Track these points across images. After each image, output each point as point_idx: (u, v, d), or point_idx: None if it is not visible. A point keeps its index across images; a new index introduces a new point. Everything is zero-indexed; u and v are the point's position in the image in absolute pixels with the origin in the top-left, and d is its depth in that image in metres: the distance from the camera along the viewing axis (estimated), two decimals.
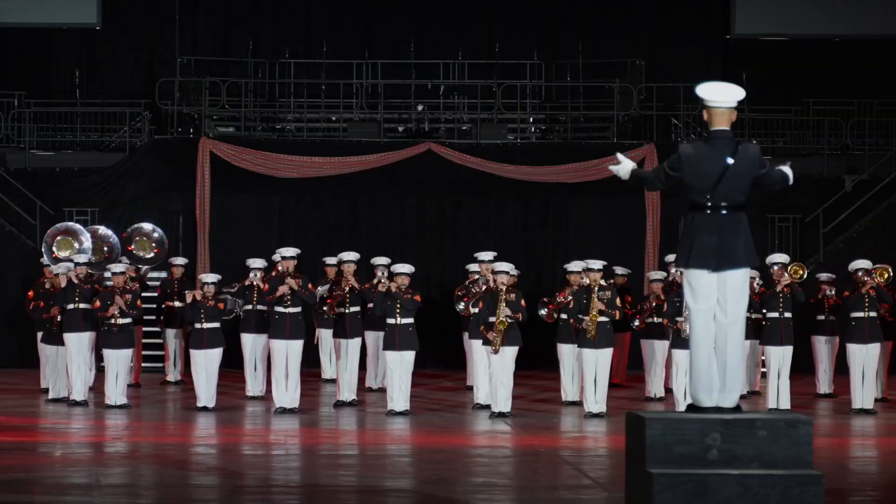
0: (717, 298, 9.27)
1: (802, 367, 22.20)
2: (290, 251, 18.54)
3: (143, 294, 21.97)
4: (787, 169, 9.58)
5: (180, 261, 22.35)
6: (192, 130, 26.93)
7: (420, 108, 27.68)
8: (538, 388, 21.85)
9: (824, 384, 21.15)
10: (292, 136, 27.19)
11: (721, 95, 9.37)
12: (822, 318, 20.92)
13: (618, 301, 18.23)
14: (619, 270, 22.47)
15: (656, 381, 20.33)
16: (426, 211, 26.29)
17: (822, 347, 21.04)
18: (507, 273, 17.93)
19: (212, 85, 27.37)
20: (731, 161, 9.28)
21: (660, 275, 20.56)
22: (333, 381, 20.84)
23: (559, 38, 28.97)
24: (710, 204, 9.34)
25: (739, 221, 9.40)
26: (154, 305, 22.49)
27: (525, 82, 27.73)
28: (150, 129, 27.24)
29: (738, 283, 9.29)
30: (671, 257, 22.72)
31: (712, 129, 9.43)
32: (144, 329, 22.42)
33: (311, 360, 23.51)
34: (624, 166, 9.78)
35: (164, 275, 23.01)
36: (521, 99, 27.35)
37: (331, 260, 21.27)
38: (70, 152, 27.17)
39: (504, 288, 17.74)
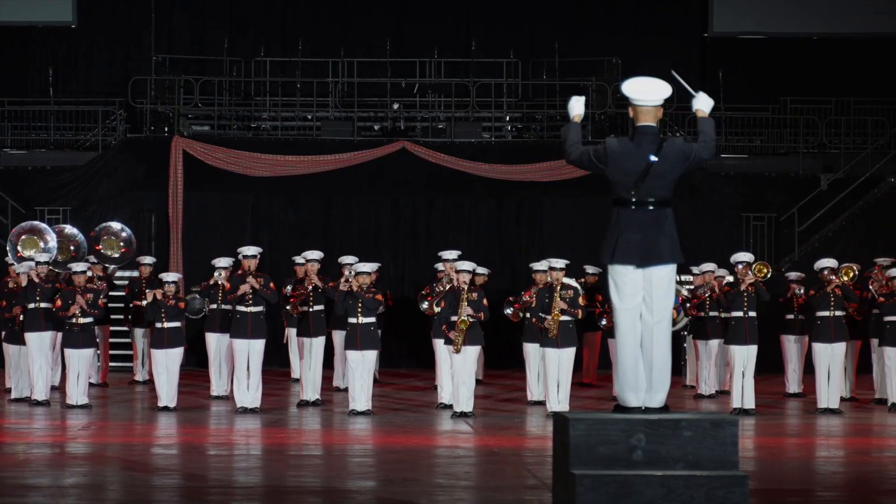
0: (642, 296, 9.16)
1: (772, 367, 22.19)
2: (252, 250, 18.45)
3: (112, 293, 21.94)
4: (707, 130, 9.32)
5: (148, 260, 22.26)
6: (166, 129, 26.84)
7: (396, 106, 27.60)
8: (507, 388, 21.79)
9: (793, 383, 21.07)
10: (267, 135, 27.12)
11: (647, 94, 9.27)
12: (791, 317, 20.84)
13: (581, 300, 18.14)
14: (590, 269, 22.41)
15: None
16: (400, 209, 26.22)
17: (792, 347, 20.96)
18: (470, 272, 17.84)
19: (188, 83, 27.29)
20: (654, 158, 9.17)
21: None
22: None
23: (536, 37, 28.88)
24: (634, 200, 9.24)
25: (665, 217, 9.30)
26: (122, 305, 22.38)
27: (501, 81, 27.64)
28: (125, 127, 27.16)
29: (663, 280, 9.19)
30: None
31: (638, 126, 9.33)
32: (112, 328, 22.33)
33: (281, 360, 23.50)
34: (574, 108, 9.57)
35: (133, 274, 22.89)
36: (496, 97, 27.26)
37: (301, 259, 21.16)
38: (43, 151, 27.11)
39: (466, 287, 17.65)
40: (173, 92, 26.89)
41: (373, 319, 17.97)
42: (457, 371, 17.72)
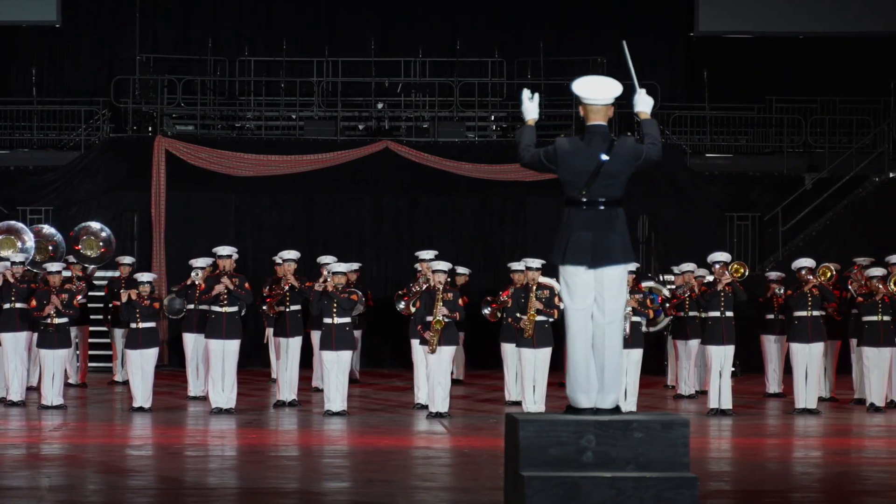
0: (594, 297, 9.10)
1: (755, 367, 22.15)
2: (226, 250, 18.38)
3: (91, 293, 21.89)
4: (652, 133, 9.27)
5: (128, 260, 22.19)
6: (150, 129, 26.78)
7: (380, 106, 27.55)
8: (487, 388, 21.73)
9: (773, 383, 21.02)
10: (251, 135, 27.06)
11: (597, 93, 9.20)
12: (771, 317, 20.79)
13: (557, 300, 18.06)
14: None
15: None
16: (383, 209, 26.17)
17: (772, 347, 20.90)
18: (445, 272, 17.78)
19: (172, 83, 27.23)
20: (605, 157, 9.10)
21: None
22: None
23: (521, 36, 28.83)
24: (585, 200, 9.18)
25: (616, 217, 9.23)
26: (101, 305, 22.32)
27: (486, 80, 27.58)
28: (109, 127, 27.11)
29: (615, 280, 9.12)
30: None
31: (588, 125, 9.26)
32: (91, 329, 22.27)
33: (263, 360, 23.43)
34: (529, 112, 9.44)
35: (113, 274, 22.82)
36: (479, 97, 27.20)
37: (280, 259, 21.10)
38: (26, 151, 27.05)
39: (441, 287, 17.59)
40: (157, 92, 26.82)
41: (348, 320, 17.91)
42: (432, 371, 17.66)
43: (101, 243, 21.98)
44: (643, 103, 9.40)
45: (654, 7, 29.04)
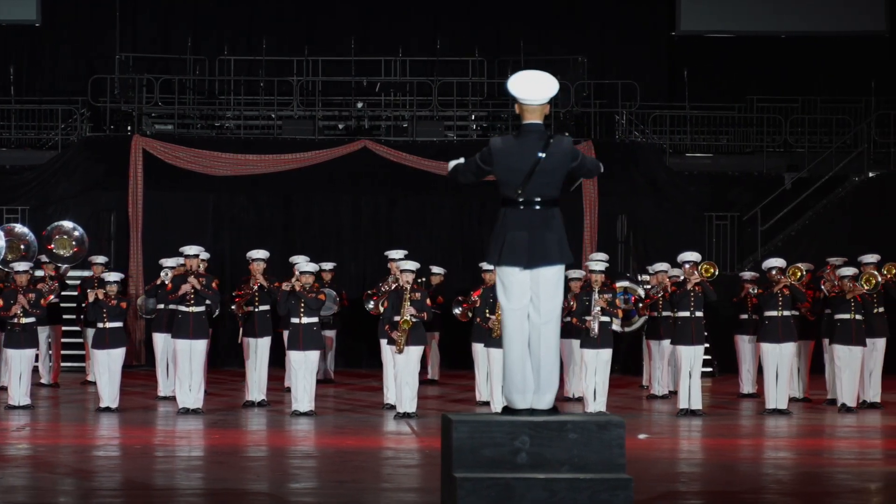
0: (530, 297, 9.02)
1: (732, 367, 22.07)
2: (193, 250, 18.28)
3: (64, 293, 21.80)
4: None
5: (101, 259, 22.10)
6: (129, 128, 26.70)
7: (360, 105, 27.47)
8: (461, 389, 21.66)
9: (747, 384, 20.93)
10: (231, 134, 26.99)
11: (532, 93, 9.10)
12: (745, 317, 20.70)
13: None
14: None
15: (574, 380, 20.08)
16: (362, 209, 26.09)
17: (746, 347, 20.82)
18: (413, 272, 17.69)
19: (152, 82, 27.14)
20: (542, 155, 9.02)
21: (579, 273, 20.29)
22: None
23: (502, 36, 28.75)
24: (521, 199, 9.09)
25: (552, 217, 9.14)
26: (74, 304, 22.23)
27: (466, 79, 27.51)
28: (88, 126, 27.03)
29: (551, 280, 9.04)
30: (601, 255, 22.56)
31: (524, 123, 9.17)
32: (64, 328, 22.18)
33: (241, 360, 23.29)
34: (450, 165, 9.57)
35: (86, 273, 22.74)
36: (459, 96, 27.12)
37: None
38: (5, 150, 26.97)
39: (409, 287, 17.50)
40: (135, 91, 26.74)
41: (316, 319, 17.83)
42: (399, 371, 17.58)
43: (73, 243, 21.87)
44: None
45: (635, 6, 28.96)
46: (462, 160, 9.54)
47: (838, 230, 25.23)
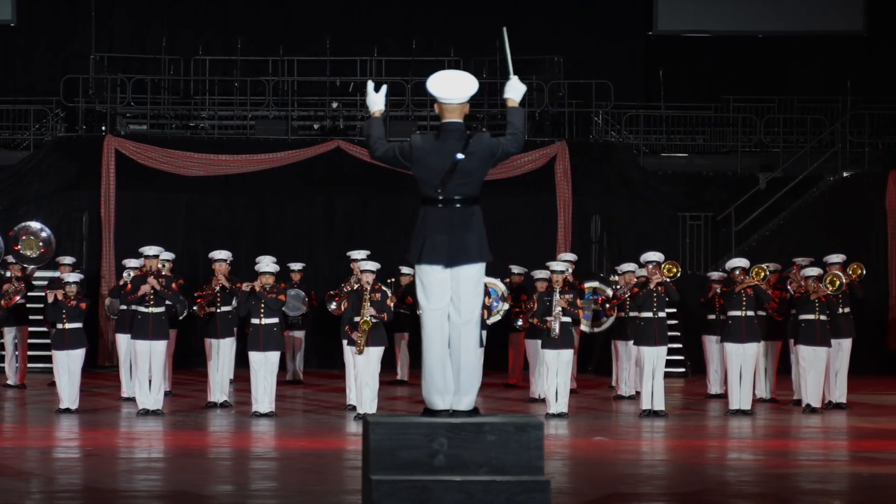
0: (450, 297, 8.94)
1: (701, 367, 22.00)
2: (153, 250, 18.18)
3: (31, 294, 21.72)
4: (515, 122, 9.06)
5: (68, 260, 21.99)
6: (103, 128, 26.63)
7: (335, 105, 27.39)
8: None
9: (715, 384, 20.85)
10: (205, 134, 26.92)
11: (451, 92, 9.02)
12: (712, 317, 20.61)
13: (486, 300, 17.94)
14: (515, 269, 22.22)
15: (541, 381, 19.97)
16: (335, 209, 26.02)
17: (713, 347, 20.73)
18: (373, 272, 17.60)
19: (127, 82, 27.07)
20: (461, 156, 8.94)
21: (544, 274, 20.20)
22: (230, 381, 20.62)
23: (478, 35, 28.64)
24: (441, 198, 9.01)
25: (472, 215, 9.06)
26: (41, 305, 22.12)
27: None
28: (63, 126, 26.96)
29: (471, 279, 8.96)
30: (569, 256, 22.52)
31: (443, 122, 9.08)
32: (31, 329, 22.10)
33: None
34: (374, 103, 9.26)
35: (54, 274, 22.62)
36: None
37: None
38: None
39: (369, 287, 17.42)
40: (108, 91, 26.67)
41: (276, 320, 17.76)
42: (360, 372, 17.51)
43: (40, 243, 21.80)
44: (513, 90, 9.13)
45: (612, 6, 28.87)
46: (381, 104, 9.21)
47: (812, 230, 25.16)
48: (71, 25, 28.54)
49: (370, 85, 9.28)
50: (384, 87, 9.33)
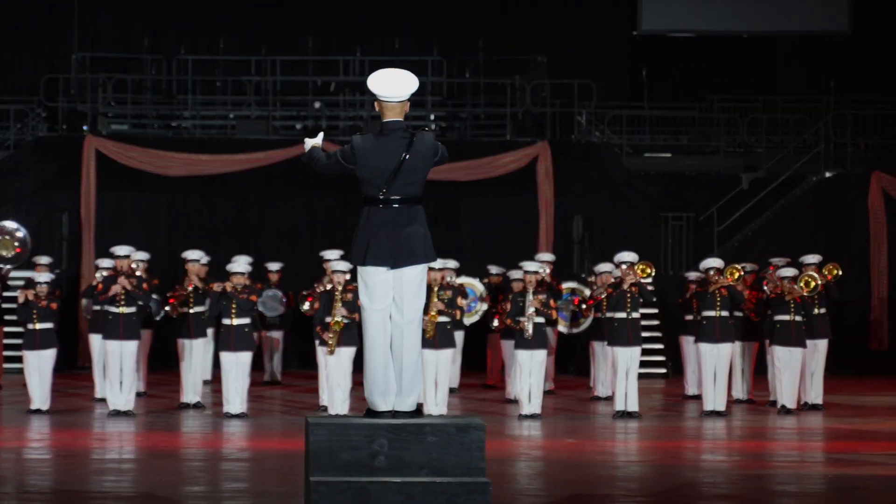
0: (392, 297, 8.86)
1: (679, 368, 21.94)
2: (123, 250, 18.12)
3: (6, 294, 21.63)
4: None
5: (44, 260, 21.89)
6: (85, 128, 26.56)
7: (317, 105, 27.32)
8: None
9: (692, 385, 20.74)
10: (187, 134, 26.84)
11: (392, 90, 8.96)
12: (689, 318, 20.50)
13: (459, 300, 17.88)
14: (493, 269, 22.17)
15: (515, 382, 19.87)
16: (316, 210, 25.92)
17: (690, 348, 20.57)
18: (345, 272, 17.52)
19: (107, 82, 27.00)
20: (406, 156, 8.87)
21: (520, 274, 20.11)
22: (206, 382, 20.57)
23: (461, 35, 28.59)
24: (385, 198, 8.94)
25: (416, 215, 8.99)
26: (15, 305, 22.04)
27: (424, 79, 27.35)
28: (45, 126, 26.88)
29: (414, 280, 8.88)
30: (546, 256, 22.45)
31: (385, 122, 9.01)
32: (7, 329, 22.02)
33: None
34: (308, 143, 9.37)
35: (31, 274, 22.53)
36: (416, 96, 26.93)
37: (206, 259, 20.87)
38: None
39: (341, 287, 17.35)
40: (89, 90, 26.59)
41: (247, 320, 17.68)
42: (331, 373, 17.44)
43: (16, 243, 21.56)
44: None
45: (596, 6, 28.77)
46: (319, 141, 9.29)
47: (795, 231, 25.07)
48: (54, 25, 28.43)
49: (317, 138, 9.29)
50: (321, 134, 9.33)
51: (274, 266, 22.47)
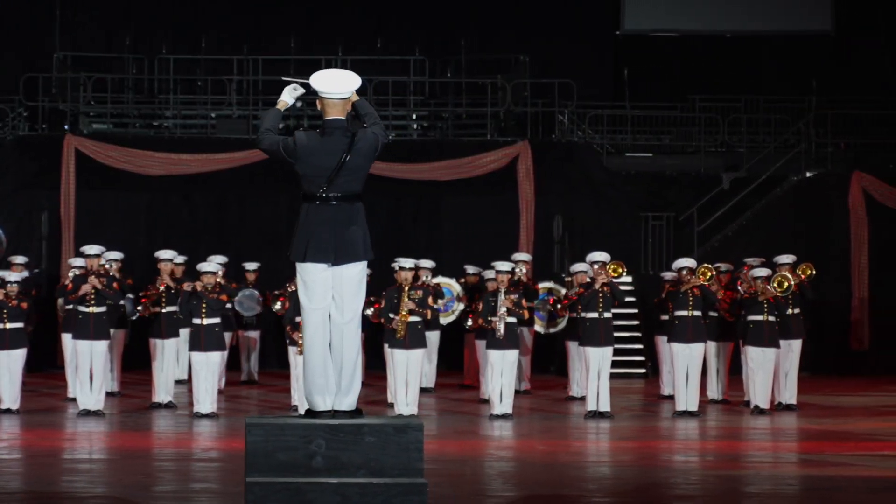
0: (332, 296, 8.82)
1: (656, 369, 21.90)
2: (94, 249, 18.08)
3: None
4: (370, 112, 9.01)
5: (20, 259, 21.84)
6: (66, 127, 26.51)
7: (298, 104, 27.21)
8: (379, 390, 21.39)
9: (668, 385, 20.68)
10: (168, 133, 26.81)
11: (333, 87, 8.96)
12: (665, 318, 20.44)
13: (430, 300, 17.84)
14: (470, 269, 22.13)
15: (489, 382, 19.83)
16: (295, 209, 25.72)
17: (666, 348, 20.52)
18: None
19: (94, 81, 26.95)
20: (347, 157, 8.85)
21: (494, 273, 20.06)
22: (181, 382, 20.56)
23: (444, 35, 28.56)
24: (325, 196, 8.93)
25: (357, 212, 8.98)
26: None
27: (406, 79, 27.32)
28: (26, 125, 26.83)
29: (354, 278, 8.85)
30: (522, 256, 22.40)
31: (327, 119, 9.00)
32: None
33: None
34: (283, 96, 9.26)
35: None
36: (399, 95, 26.92)
37: (182, 259, 20.85)
38: None
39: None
40: (69, 89, 26.55)
41: (217, 320, 17.64)
42: (300, 373, 17.31)
43: None
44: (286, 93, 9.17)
45: (580, 5, 28.73)
46: (290, 100, 9.13)
47: (775, 230, 25.03)
48: (35, 23, 28.38)
49: (292, 86, 9.11)
50: (301, 90, 9.21)
51: (251, 266, 22.43)
